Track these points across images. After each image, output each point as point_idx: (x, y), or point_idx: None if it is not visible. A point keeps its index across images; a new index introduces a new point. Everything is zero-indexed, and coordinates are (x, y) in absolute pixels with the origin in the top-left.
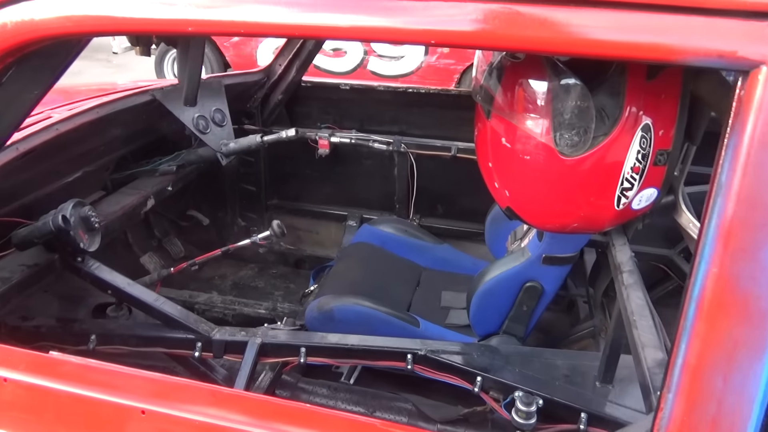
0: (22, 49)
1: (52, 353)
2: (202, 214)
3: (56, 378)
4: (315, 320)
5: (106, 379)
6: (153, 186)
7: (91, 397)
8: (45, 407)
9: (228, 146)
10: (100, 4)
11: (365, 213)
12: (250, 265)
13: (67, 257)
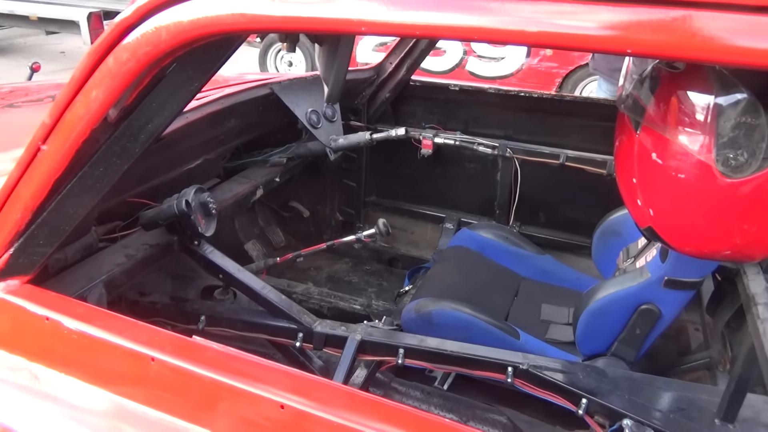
0: (193, 43)
1: (195, 338)
2: (302, 206)
3: (200, 363)
4: (412, 322)
5: (247, 369)
6: (263, 176)
7: (233, 386)
8: (188, 390)
9: (337, 142)
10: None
11: (463, 216)
12: (345, 260)
13: (185, 240)
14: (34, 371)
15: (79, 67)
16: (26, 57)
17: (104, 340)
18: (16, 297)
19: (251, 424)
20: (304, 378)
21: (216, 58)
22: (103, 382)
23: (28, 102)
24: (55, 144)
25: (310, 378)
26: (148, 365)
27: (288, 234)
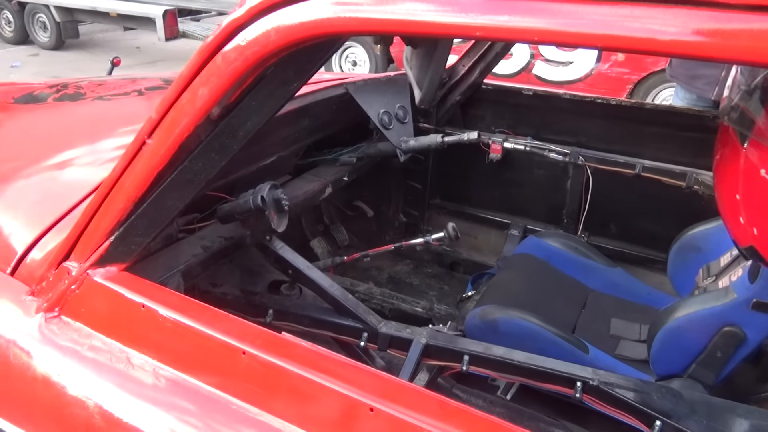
0: (300, 44)
1: (284, 334)
2: (367, 206)
3: (290, 359)
4: (476, 328)
5: (337, 369)
6: (332, 175)
7: (323, 384)
8: (278, 385)
9: (408, 143)
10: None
11: (529, 224)
12: (406, 261)
13: (257, 234)
14: (128, 356)
15: (188, 64)
16: (104, 51)
17: (198, 331)
18: (113, 283)
19: (340, 424)
20: (394, 382)
21: (316, 60)
22: (194, 372)
23: (117, 95)
24: (160, 138)
25: (399, 382)
26: (239, 358)
27: (350, 233)
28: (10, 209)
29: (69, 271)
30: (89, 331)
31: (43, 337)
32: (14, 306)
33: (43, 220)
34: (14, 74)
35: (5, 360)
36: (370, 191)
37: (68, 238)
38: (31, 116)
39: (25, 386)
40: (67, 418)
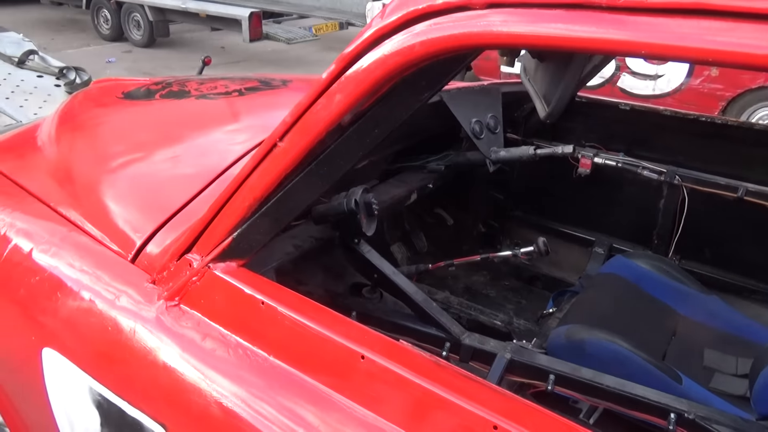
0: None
1: (402, 342)
2: (447, 214)
3: (410, 369)
4: (560, 347)
5: (459, 384)
6: (418, 181)
7: (445, 398)
8: (397, 393)
9: (498, 154)
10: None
11: (615, 242)
12: (483, 272)
13: (345, 237)
14: (246, 349)
15: (327, 72)
16: (192, 50)
17: (316, 332)
18: (233, 278)
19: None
20: (518, 401)
21: (450, 70)
22: (311, 371)
23: (219, 95)
24: (291, 141)
25: (524, 402)
26: (358, 362)
27: (428, 240)
28: (130, 200)
29: (190, 263)
30: (208, 321)
31: (164, 323)
32: (136, 292)
33: (161, 212)
34: (109, 69)
35: (127, 342)
36: (451, 199)
37: (191, 232)
38: (141, 111)
39: (144, 368)
40: (183, 403)
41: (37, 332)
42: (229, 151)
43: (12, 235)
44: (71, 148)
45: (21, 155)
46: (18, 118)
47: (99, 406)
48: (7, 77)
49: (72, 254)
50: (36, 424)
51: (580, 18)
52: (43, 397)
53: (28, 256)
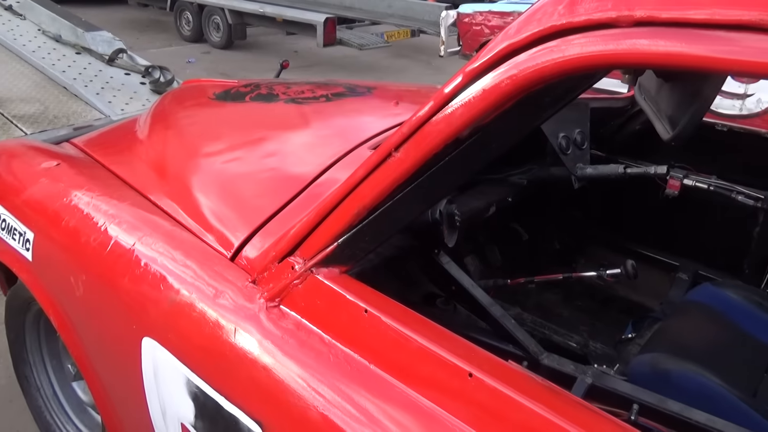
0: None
1: (511, 362)
2: (522, 229)
3: (522, 393)
4: (643, 376)
5: (572, 411)
6: (497, 194)
7: (557, 424)
8: (507, 416)
9: (585, 171)
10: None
11: (701, 269)
12: (555, 290)
13: (426, 247)
14: (347, 356)
15: (450, 83)
16: (266, 53)
17: (422, 345)
18: (336, 284)
19: None
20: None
21: (577, 88)
22: (415, 384)
23: (308, 99)
24: (407, 152)
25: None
26: (465, 380)
27: (501, 254)
28: (228, 199)
29: (292, 266)
30: (308, 324)
31: (264, 323)
32: (237, 290)
33: (258, 214)
34: (189, 69)
35: (226, 338)
36: (527, 214)
37: (294, 235)
38: (233, 113)
39: (243, 365)
40: (281, 403)
41: (138, 322)
42: (321, 156)
43: (117, 228)
44: (169, 144)
45: (120, 150)
46: (106, 113)
47: (195, 398)
48: (98, 74)
49: (174, 249)
50: (127, 408)
51: (750, 41)
52: (138, 384)
53: (132, 249)
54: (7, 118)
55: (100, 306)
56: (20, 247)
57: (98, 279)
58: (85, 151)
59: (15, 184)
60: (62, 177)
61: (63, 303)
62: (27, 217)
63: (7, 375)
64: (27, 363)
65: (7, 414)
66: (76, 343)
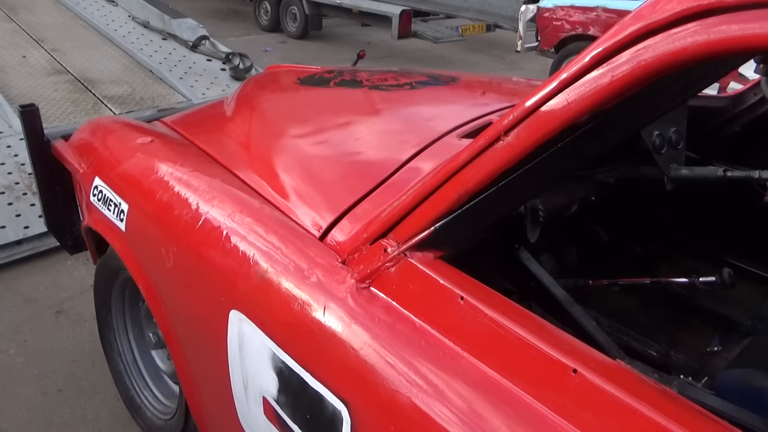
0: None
1: (619, 361)
2: (602, 230)
3: (632, 394)
4: (732, 392)
5: (686, 416)
6: (581, 192)
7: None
8: (615, 417)
9: (679, 172)
10: None
11: None
12: (635, 296)
13: (507, 241)
14: (440, 342)
15: (574, 65)
16: (340, 44)
17: (521, 336)
18: (431, 270)
19: None
20: None
21: (711, 75)
22: (512, 377)
23: (392, 87)
24: (518, 137)
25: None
26: (569, 376)
27: (578, 255)
28: (317, 180)
29: (385, 249)
30: (399, 308)
31: (354, 303)
32: (327, 270)
33: (348, 196)
34: (266, 57)
35: (315, 316)
36: (608, 214)
37: (388, 218)
38: (319, 97)
39: (331, 344)
40: (369, 383)
41: (226, 294)
42: (407, 143)
43: (208, 203)
44: (256, 125)
45: (209, 129)
46: (188, 97)
47: (279, 373)
48: (182, 59)
49: (264, 226)
50: (207, 378)
51: None
52: (221, 354)
53: (223, 224)
54: (98, 98)
55: (189, 277)
56: (114, 218)
57: (189, 251)
58: (176, 130)
59: (111, 158)
60: (156, 152)
61: (152, 273)
62: (122, 189)
63: (90, 340)
64: (111, 329)
65: (91, 375)
66: (162, 312)
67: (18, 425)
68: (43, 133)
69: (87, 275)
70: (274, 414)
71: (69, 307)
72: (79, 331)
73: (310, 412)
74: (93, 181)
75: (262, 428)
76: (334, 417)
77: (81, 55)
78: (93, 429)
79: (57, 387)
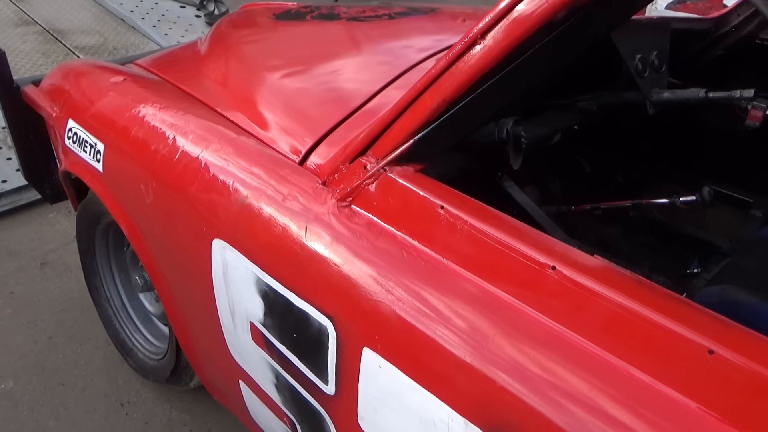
0: None
1: (597, 256)
2: (585, 161)
3: (608, 285)
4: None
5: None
6: (564, 121)
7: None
8: (593, 308)
9: (661, 95)
10: None
11: None
12: (616, 226)
13: (490, 169)
14: (421, 252)
15: None
16: None
17: (501, 240)
18: (410, 183)
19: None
20: (733, 326)
21: None
22: (493, 280)
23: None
24: (495, 39)
25: (741, 328)
26: (548, 273)
27: (561, 186)
28: (294, 109)
29: (364, 166)
30: (380, 223)
31: (336, 222)
32: (307, 192)
33: (326, 121)
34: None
35: (298, 237)
36: (590, 144)
37: (366, 135)
38: (295, 30)
39: (314, 263)
40: (353, 297)
41: (208, 224)
42: (386, 69)
43: (184, 136)
44: (232, 60)
45: (184, 68)
46: (163, 45)
47: (264, 296)
48: (155, 6)
49: (242, 155)
50: (194, 311)
51: None
52: (207, 285)
53: (201, 155)
54: (69, 48)
55: (170, 211)
56: (91, 159)
57: (168, 185)
58: (149, 70)
59: (84, 100)
60: (130, 90)
61: (133, 211)
62: (97, 129)
63: (77, 289)
64: (97, 275)
65: (80, 323)
66: (145, 249)
67: (11, 373)
68: (12, 78)
69: (69, 227)
70: (261, 338)
71: (54, 258)
72: (66, 281)
73: (297, 331)
74: (67, 123)
75: (251, 354)
76: (320, 333)
77: (48, 5)
78: (86, 373)
79: (47, 335)
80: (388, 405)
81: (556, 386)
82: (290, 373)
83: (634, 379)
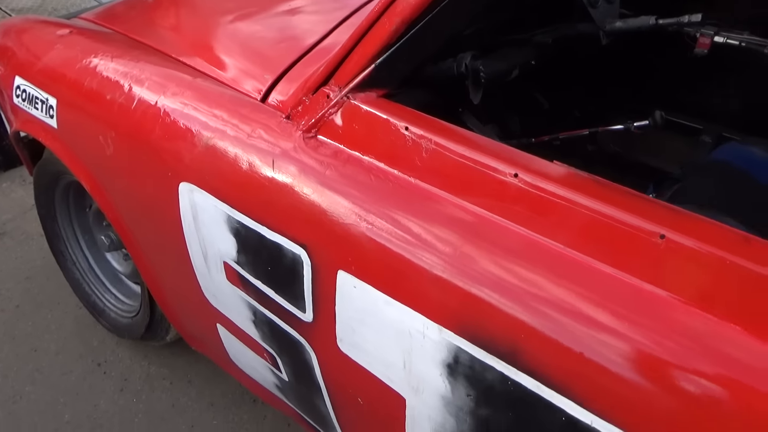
0: None
1: (556, 162)
2: (543, 98)
3: (570, 188)
4: None
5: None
6: (521, 57)
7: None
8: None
9: (614, 25)
10: None
11: (725, 131)
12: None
13: (450, 104)
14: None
15: None
16: None
17: (465, 155)
18: (374, 108)
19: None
20: (683, 213)
21: None
22: (460, 192)
23: None
24: None
25: (690, 214)
26: (511, 180)
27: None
28: (253, 47)
29: (327, 95)
30: (347, 150)
31: (302, 153)
32: (272, 127)
33: (286, 56)
34: None
35: (265, 173)
36: (547, 80)
37: (327, 64)
38: None
39: (284, 196)
40: (324, 224)
41: (173, 168)
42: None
43: (140, 83)
44: (184, 6)
45: (132, 17)
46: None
47: (236, 234)
48: None
49: (201, 97)
50: (166, 262)
51: None
52: (176, 230)
53: (159, 101)
54: (5, 11)
55: (132, 160)
56: (44, 116)
57: (128, 134)
58: (97, 22)
59: (30, 55)
60: (78, 42)
61: (94, 165)
62: (47, 84)
63: (41, 257)
64: (60, 238)
65: (47, 289)
66: (110, 204)
67: None
68: None
69: (26, 195)
70: (236, 276)
71: (12, 228)
72: (28, 249)
73: (271, 264)
74: (14, 81)
75: (227, 294)
76: (294, 262)
77: None
78: (58, 337)
79: (14, 304)
80: (365, 323)
81: (524, 288)
82: (267, 306)
83: (595, 270)
